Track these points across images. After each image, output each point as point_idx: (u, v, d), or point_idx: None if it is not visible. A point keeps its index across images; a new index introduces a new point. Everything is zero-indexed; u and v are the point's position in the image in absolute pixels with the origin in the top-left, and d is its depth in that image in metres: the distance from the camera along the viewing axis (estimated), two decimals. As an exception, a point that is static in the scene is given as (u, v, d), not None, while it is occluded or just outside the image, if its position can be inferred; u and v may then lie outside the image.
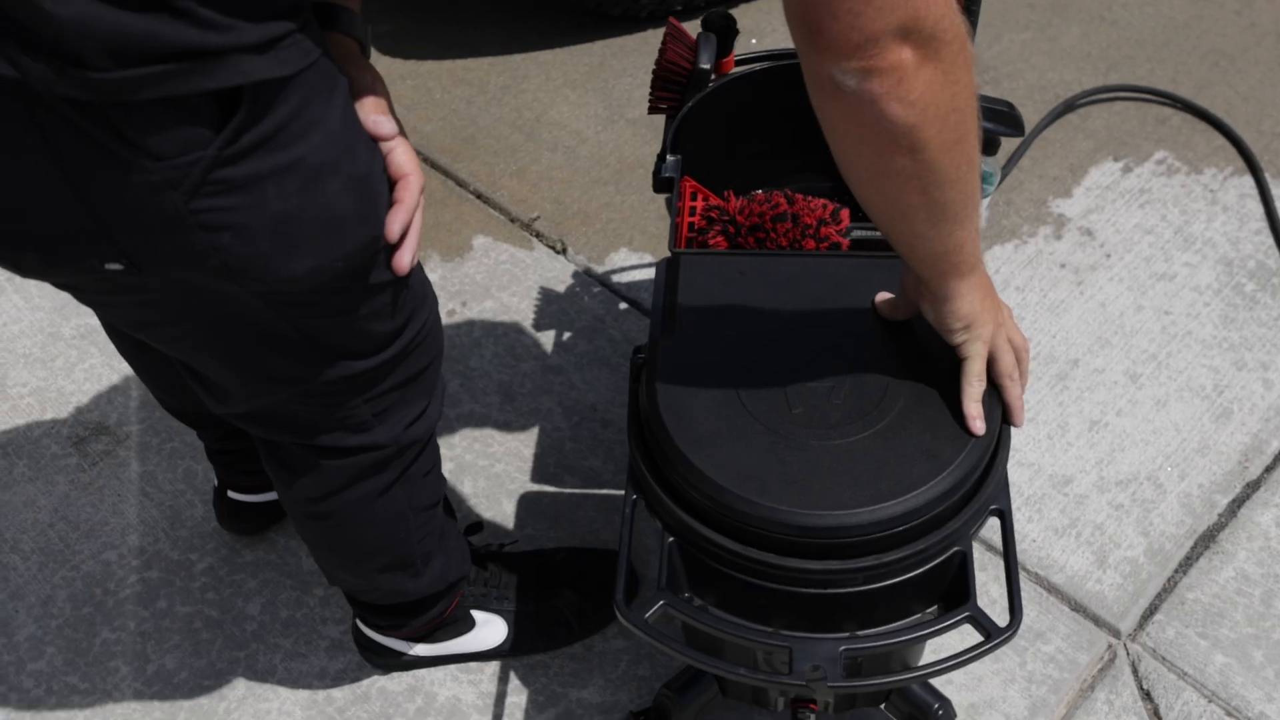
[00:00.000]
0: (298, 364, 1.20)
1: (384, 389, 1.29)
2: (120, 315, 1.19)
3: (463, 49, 2.69)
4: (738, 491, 1.23)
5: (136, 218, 0.97)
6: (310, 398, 1.26)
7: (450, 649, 1.72)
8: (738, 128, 1.76)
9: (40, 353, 2.20)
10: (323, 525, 1.45)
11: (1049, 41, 2.60)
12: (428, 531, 1.54)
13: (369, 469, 1.38)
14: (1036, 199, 2.29)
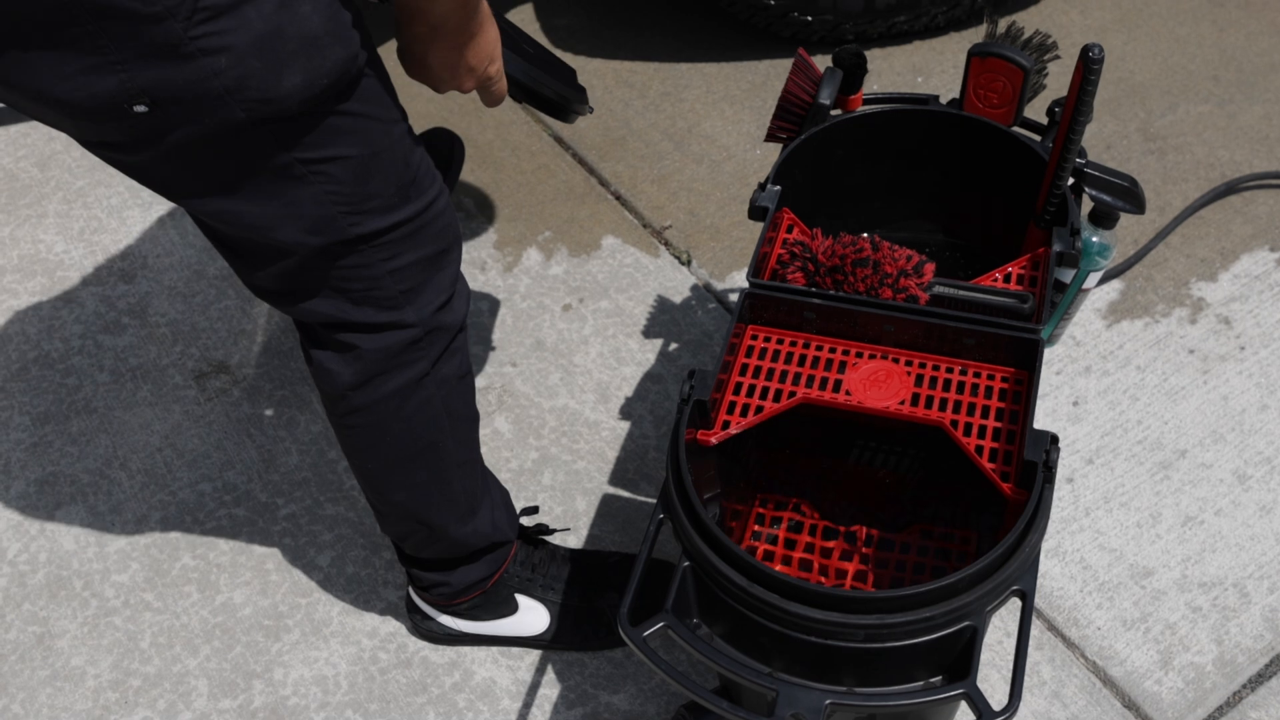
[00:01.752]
0: (312, 211, 1.26)
1: (406, 262, 1.35)
2: (149, 176, 1.27)
3: (631, 51, 2.73)
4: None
5: (149, 52, 1.08)
6: (330, 260, 1.31)
7: (490, 629, 1.77)
8: (851, 167, 1.76)
9: (184, 288, 2.33)
10: (362, 423, 1.48)
11: (1227, 118, 2.50)
12: (469, 459, 1.59)
13: (401, 351, 1.41)
14: (1178, 278, 2.21)
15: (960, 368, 1.46)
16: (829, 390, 1.45)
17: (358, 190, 1.27)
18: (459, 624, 1.77)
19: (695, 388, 1.39)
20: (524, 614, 1.77)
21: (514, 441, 2.05)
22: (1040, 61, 1.77)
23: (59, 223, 2.49)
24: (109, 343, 2.26)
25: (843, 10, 2.58)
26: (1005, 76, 1.71)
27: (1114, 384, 2.06)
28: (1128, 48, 2.66)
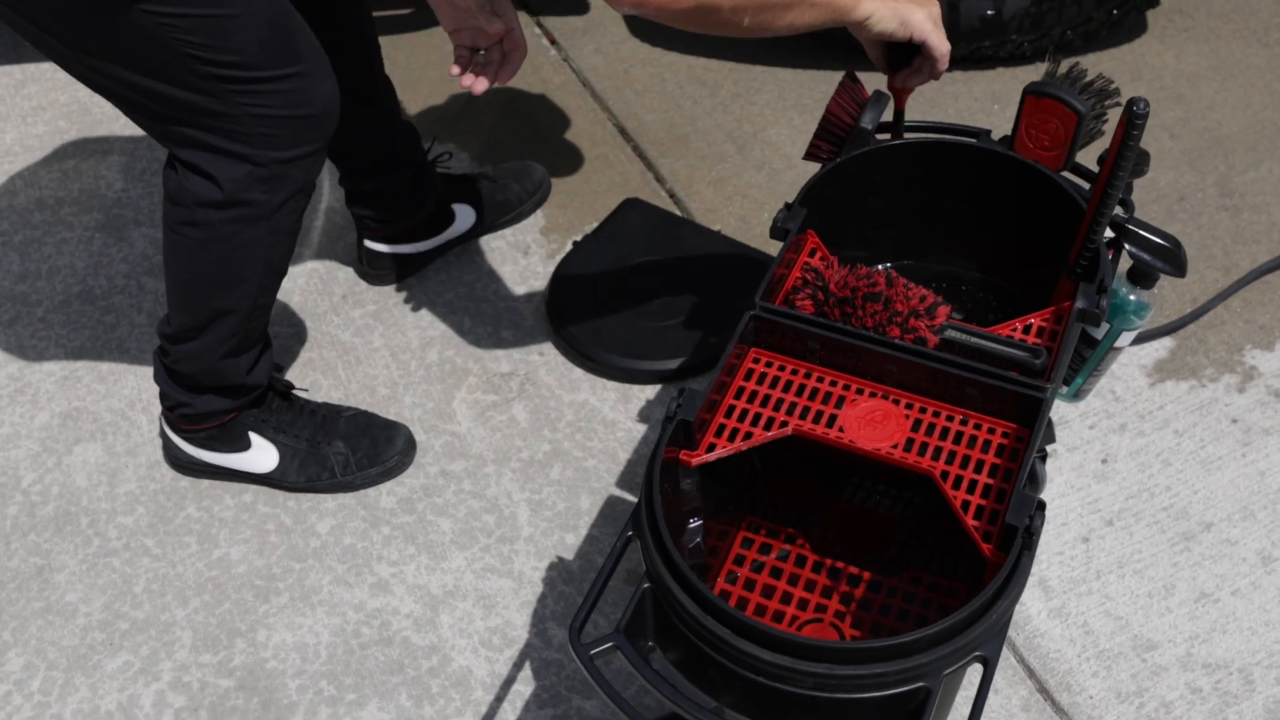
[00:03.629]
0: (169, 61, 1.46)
1: (268, 112, 1.53)
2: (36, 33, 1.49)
3: (708, 49, 2.69)
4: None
5: None
6: (197, 95, 1.50)
7: (223, 460, 1.94)
8: (889, 194, 1.71)
9: (231, 238, 2.35)
10: (193, 236, 1.65)
11: (1312, 181, 2.40)
12: (264, 305, 1.78)
13: (251, 185, 1.59)
14: (1232, 343, 2.13)
15: (961, 417, 1.41)
16: (822, 424, 1.41)
17: (217, 44, 1.46)
18: (196, 451, 1.93)
19: (682, 406, 1.37)
20: (255, 452, 1.93)
21: (528, 431, 2.04)
22: (1100, 107, 1.71)
23: (123, 161, 2.53)
24: (151, 285, 2.28)
25: (925, 29, 2.51)
26: (1059, 119, 1.66)
27: (1148, 445, 1.99)
28: (1218, 97, 2.57)
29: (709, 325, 2.11)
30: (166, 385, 1.87)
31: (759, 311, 1.46)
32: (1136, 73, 2.62)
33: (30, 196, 2.46)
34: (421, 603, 1.83)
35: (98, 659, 1.79)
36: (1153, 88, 2.59)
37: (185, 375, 1.84)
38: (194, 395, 1.86)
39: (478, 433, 2.04)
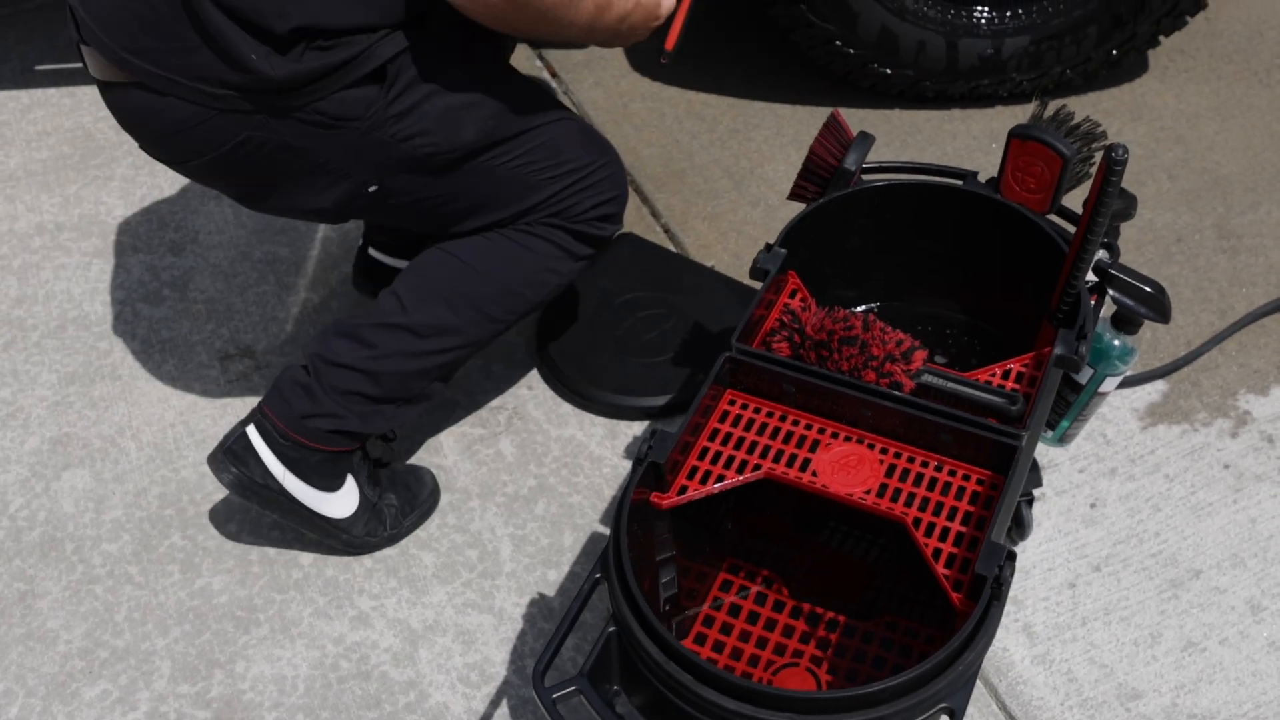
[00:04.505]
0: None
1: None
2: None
3: (708, 84, 2.70)
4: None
5: (373, 161, 1.63)
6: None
7: (304, 495, 1.81)
8: (873, 235, 1.71)
9: (227, 267, 2.36)
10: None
11: (1312, 222, 2.38)
12: (481, 341, 1.83)
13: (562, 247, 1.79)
14: (1226, 388, 2.11)
15: (936, 463, 1.41)
16: (796, 468, 1.40)
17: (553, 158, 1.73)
18: (286, 477, 1.79)
19: (653, 449, 1.36)
20: (341, 496, 1.85)
21: (515, 466, 2.03)
22: (1086, 150, 1.70)
23: (123, 187, 2.54)
24: (146, 312, 2.29)
25: (924, 66, 2.52)
26: (1044, 162, 1.65)
27: (1138, 490, 1.97)
28: (1218, 137, 2.56)
29: (699, 362, 2.10)
30: (331, 391, 1.78)
31: (734, 353, 1.45)
32: (1136, 113, 2.62)
33: (31, 221, 2.48)
34: (401, 637, 1.83)
35: (76, 687, 1.79)
36: (1153, 128, 2.58)
37: (381, 377, 1.77)
38: (346, 406, 1.78)
39: (464, 466, 2.04)
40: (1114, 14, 2.48)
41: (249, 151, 1.60)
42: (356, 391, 1.78)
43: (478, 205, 1.74)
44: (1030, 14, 2.49)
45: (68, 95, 2.78)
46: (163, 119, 1.60)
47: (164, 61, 1.55)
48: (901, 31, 2.46)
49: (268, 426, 1.79)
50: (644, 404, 2.06)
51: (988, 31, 2.50)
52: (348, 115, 1.58)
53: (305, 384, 1.79)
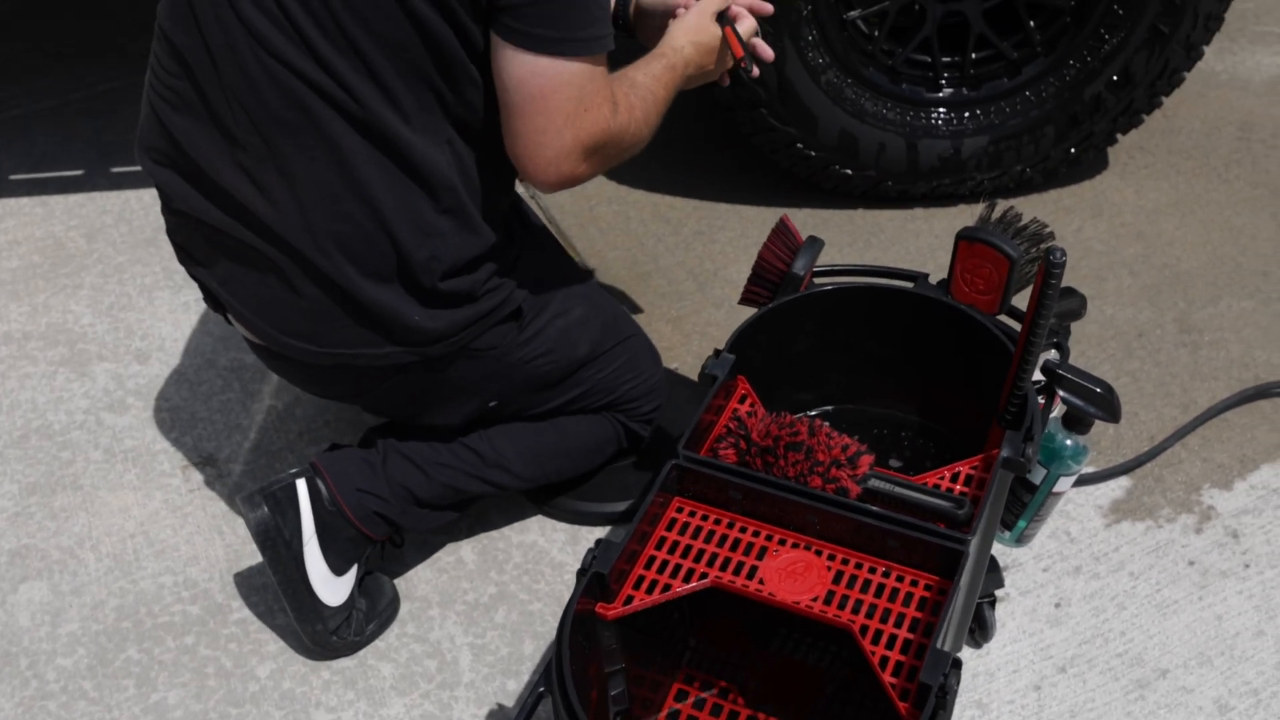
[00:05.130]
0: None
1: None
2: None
3: (673, 186, 2.73)
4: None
5: (501, 381, 1.81)
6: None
7: (313, 562, 1.82)
8: (824, 339, 1.72)
9: (193, 375, 2.37)
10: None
11: (1271, 317, 2.40)
12: (529, 479, 1.96)
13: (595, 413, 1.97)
14: (1190, 483, 2.11)
15: (883, 569, 1.40)
16: (743, 576, 1.39)
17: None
18: (311, 541, 1.81)
19: (598, 559, 1.35)
20: (341, 583, 1.85)
21: (475, 573, 2.02)
22: (1034, 251, 1.72)
23: (92, 295, 2.56)
24: (110, 421, 2.29)
25: (885, 168, 2.55)
26: (991, 264, 1.67)
27: (1103, 588, 1.96)
28: (1178, 233, 2.58)
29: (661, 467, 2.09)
30: (388, 475, 1.86)
31: (681, 460, 1.45)
32: (1097, 209, 2.65)
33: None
34: (357, 751, 1.80)
35: (26, 808, 1.76)
36: (1113, 224, 2.61)
37: (434, 483, 1.88)
38: (406, 500, 1.87)
39: (424, 574, 2.02)
40: (1070, 113, 2.52)
41: (396, 386, 1.76)
42: (407, 486, 1.87)
43: (568, 405, 1.93)
44: (988, 115, 2.53)
45: (40, 204, 2.81)
46: (325, 377, 1.78)
47: (326, 340, 1.68)
48: (862, 134, 2.50)
49: (319, 485, 1.83)
50: (605, 509, 2.05)
51: (947, 132, 2.53)
52: (488, 346, 1.75)
53: (369, 459, 1.87)
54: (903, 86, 2.52)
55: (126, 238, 2.66)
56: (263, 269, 1.66)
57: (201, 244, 1.72)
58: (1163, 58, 2.44)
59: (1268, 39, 3.18)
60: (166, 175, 1.69)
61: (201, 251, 1.73)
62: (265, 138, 1.57)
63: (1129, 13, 2.40)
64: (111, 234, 2.68)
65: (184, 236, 1.76)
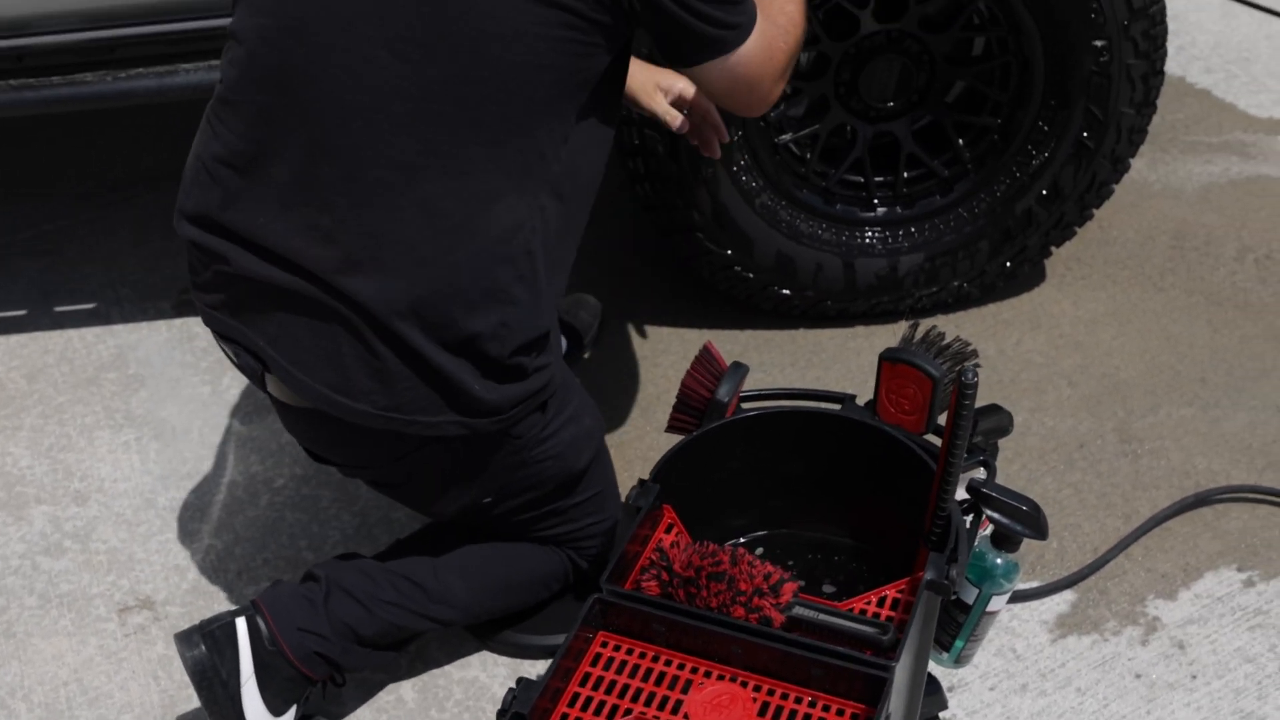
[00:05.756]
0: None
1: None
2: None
3: (614, 310, 2.74)
4: None
5: (509, 475, 1.79)
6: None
7: (254, 715, 1.80)
8: (752, 464, 1.72)
9: (131, 515, 2.34)
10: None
11: (1210, 424, 2.41)
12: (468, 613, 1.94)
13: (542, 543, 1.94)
14: (1135, 594, 2.10)
15: (809, 698, 1.38)
16: (667, 711, 1.37)
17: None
18: (249, 681, 1.78)
19: (518, 699, 1.33)
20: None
21: (415, 711, 1.98)
22: (958, 369, 1.72)
23: (31, 437, 2.54)
24: (46, 565, 2.26)
25: (823, 287, 2.58)
26: (915, 384, 1.68)
27: (1050, 705, 1.94)
28: (1116, 342, 2.61)
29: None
30: (330, 614, 1.83)
31: (604, 594, 1.44)
32: (1035, 321, 2.67)
33: (-64, 477, 2.46)
34: None
35: None
36: (1052, 335, 2.64)
37: (377, 621, 1.84)
38: (348, 639, 1.84)
39: (364, 715, 1.98)
40: (1003, 228, 2.55)
41: (423, 459, 1.75)
42: (349, 624, 1.83)
43: (540, 522, 1.91)
44: (922, 232, 2.57)
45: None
46: (361, 440, 1.72)
47: (381, 401, 1.65)
48: (798, 254, 2.53)
49: (259, 624, 1.80)
50: (547, 642, 2.03)
51: (882, 251, 2.56)
52: (518, 434, 1.74)
53: (310, 596, 1.84)
54: (837, 207, 2.56)
55: (68, 377, 2.66)
56: (328, 329, 1.63)
57: (251, 302, 1.68)
58: (1090, 171, 2.48)
59: (1198, 148, 3.25)
60: (215, 241, 1.67)
61: (249, 310, 1.69)
62: (355, 198, 1.59)
63: (1054, 129, 2.45)
64: (53, 374, 2.67)
65: (227, 295, 1.71)
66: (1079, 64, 2.36)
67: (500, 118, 1.57)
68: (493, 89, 1.55)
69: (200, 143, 1.72)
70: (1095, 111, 2.40)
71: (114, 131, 3.41)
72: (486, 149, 1.58)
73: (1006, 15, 2.38)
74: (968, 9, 2.39)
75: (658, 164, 2.37)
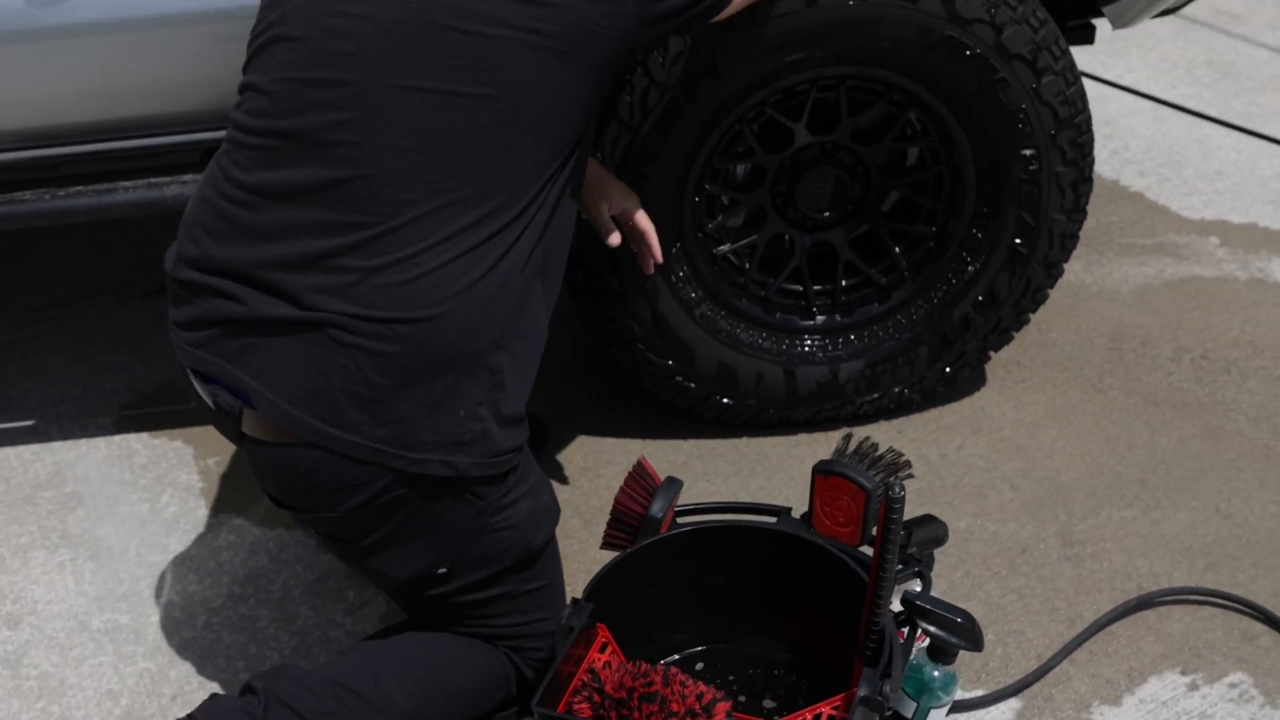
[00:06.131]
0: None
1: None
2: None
3: (556, 421, 2.73)
4: None
5: (466, 542, 1.78)
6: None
7: None
8: (690, 580, 1.71)
9: (64, 639, 2.29)
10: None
11: (1150, 525, 2.42)
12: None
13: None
14: (1080, 700, 2.09)
15: (744, 823, 1.36)
16: (600, 838, 1.34)
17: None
18: None
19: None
20: None
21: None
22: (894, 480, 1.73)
23: (-37, 557, 2.49)
24: (-28, 692, 2.20)
25: (765, 395, 2.59)
26: (849, 496, 1.68)
27: (998, 818, 1.92)
28: (1056, 445, 2.63)
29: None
30: None
31: (535, 717, 1.42)
32: (977, 425, 2.69)
33: None
34: None
35: None
36: (993, 439, 2.65)
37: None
38: None
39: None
40: (941, 334, 2.58)
41: (390, 505, 1.74)
42: None
43: (489, 608, 1.88)
44: (862, 339, 2.59)
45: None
46: (340, 480, 1.72)
47: (369, 433, 1.65)
48: (739, 364, 2.54)
49: None
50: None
51: (823, 359, 2.58)
52: (482, 495, 1.76)
53: (249, 709, 1.80)
54: (777, 315, 2.58)
55: (3, 496, 2.62)
56: (317, 360, 1.68)
57: (238, 336, 1.73)
58: (1024, 277, 2.52)
59: (1133, 250, 3.31)
60: (208, 278, 1.74)
61: (235, 345, 1.74)
62: (361, 238, 1.67)
63: (987, 236, 2.49)
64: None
65: (212, 331, 1.76)
66: (1009, 173, 2.41)
67: (519, 170, 1.72)
68: (515, 139, 1.70)
69: (206, 184, 1.82)
70: (1027, 218, 2.45)
71: (59, 247, 3.40)
72: (523, 170, 1.73)
73: (937, 127, 2.43)
74: (899, 121, 2.44)
75: (598, 277, 2.39)
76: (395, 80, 1.68)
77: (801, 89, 2.35)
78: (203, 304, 1.76)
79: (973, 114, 2.35)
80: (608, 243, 2.06)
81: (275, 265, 1.70)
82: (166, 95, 2.38)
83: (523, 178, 1.73)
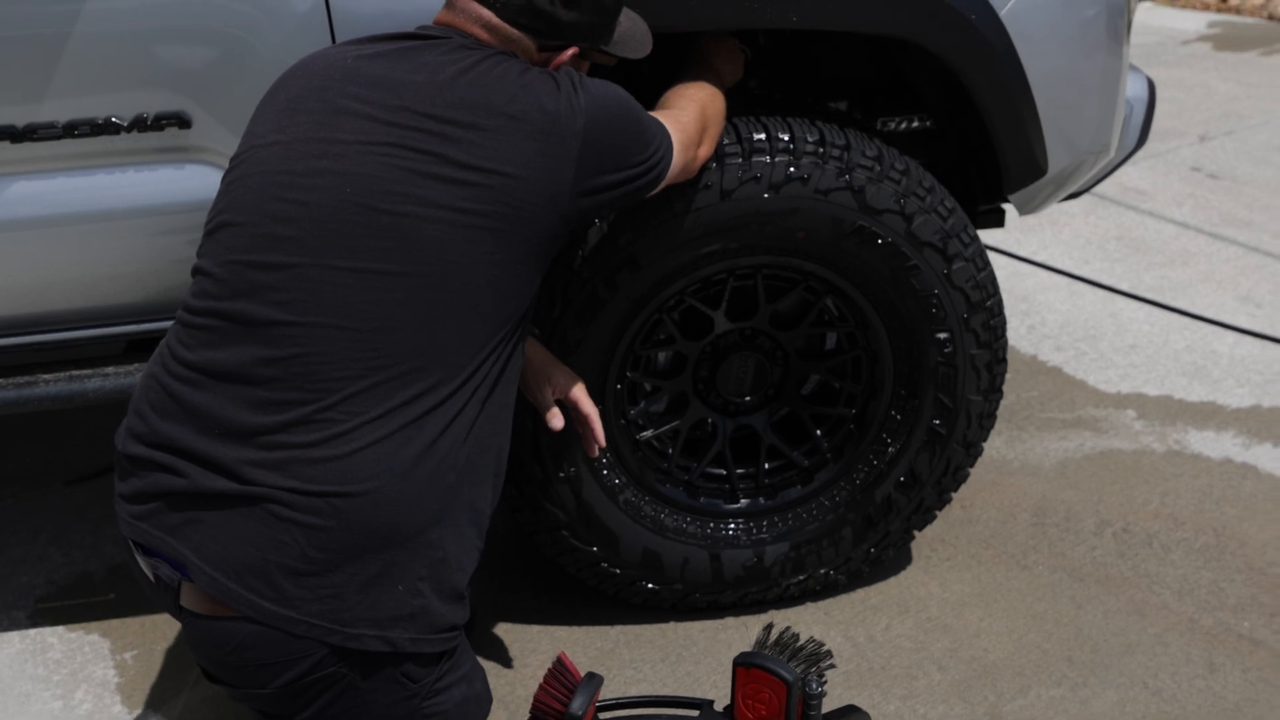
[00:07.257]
0: None
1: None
2: None
3: (482, 608, 2.71)
4: None
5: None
6: None
7: None
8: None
9: None
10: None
11: (1079, 704, 2.42)
12: None
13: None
14: None
15: None
16: None
17: None
18: None
19: None
20: None
21: None
22: (816, 671, 1.73)
23: None
24: None
25: (691, 580, 2.58)
26: (770, 688, 1.67)
27: None
28: (983, 623, 2.63)
29: None
30: None
31: None
32: (904, 605, 2.69)
33: None
34: None
35: None
36: (920, 619, 2.65)
37: None
38: None
39: None
40: (865, 515, 2.60)
41: (317, 687, 1.72)
42: None
43: None
44: (786, 521, 2.60)
45: None
46: (274, 652, 1.70)
47: (306, 607, 1.67)
48: (664, 549, 2.54)
49: None
50: None
51: (748, 542, 2.59)
52: (416, 678, 1.77)
53: None
54: (701, 500, 2.59)
55: (-91, 701, 2.53)
56: (257, 535, 1.68)
57: (180, 510, 1.73)
58: (944, 457, 2.56)
59: (1053, 425, 3.37)
60: (153, 453, 1.76)
61: (176, 518, 1.74)
62: (306, 414, 1.70)
63: (906, 418, 2.53)
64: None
65: (155, 505, 1.76)
66: (925, 356, 2.46)
67: (455, 345, 1.76)
68: (451, 315, 1.74)
69: (155, 362, 1.86)
70: (944, 400, 2.49)
71: (-23, 437, 3.36)
72: (469, 354, 1.77)
73: (853, 312, 2.49)
74: (816, 307, 2.49)
75: (521, 465, 2.39)
76: (332, 262, 1.74)
77: (719, 278, 2.41)
78: (147, 478, 1.78)
79: (887, 300, 2.41)
80: (550, 426, 2.09)
81: (217, 441, 1.73)
82: (90, 289, 2.39)
83: (459, 353, 1.77)
